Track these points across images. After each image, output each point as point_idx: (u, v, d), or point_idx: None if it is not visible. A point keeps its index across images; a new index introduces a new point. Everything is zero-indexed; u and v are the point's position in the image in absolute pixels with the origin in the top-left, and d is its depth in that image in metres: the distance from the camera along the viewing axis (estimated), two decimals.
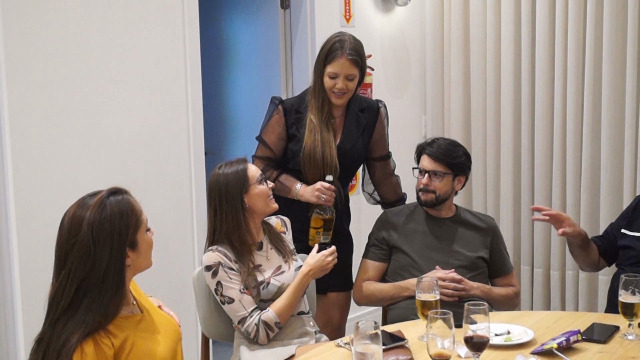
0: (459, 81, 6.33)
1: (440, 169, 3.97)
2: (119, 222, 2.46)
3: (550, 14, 5.72)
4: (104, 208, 2.46)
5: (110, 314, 2.44)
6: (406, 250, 3.98)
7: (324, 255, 3.56)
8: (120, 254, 2.46)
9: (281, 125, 4.13)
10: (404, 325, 3.32)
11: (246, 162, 3.57)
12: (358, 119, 4.22)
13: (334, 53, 3.97)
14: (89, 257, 2.40)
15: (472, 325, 2.69)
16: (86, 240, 2.41)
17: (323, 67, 4.01)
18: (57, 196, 4.02)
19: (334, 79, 3.99)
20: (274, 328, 3.44)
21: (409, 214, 4.11)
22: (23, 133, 3.93)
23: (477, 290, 3.81)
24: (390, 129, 6.09)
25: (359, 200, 5.90)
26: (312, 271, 3.54)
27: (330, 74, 3.98)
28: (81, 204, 2.48)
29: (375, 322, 2.55)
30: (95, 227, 2.42)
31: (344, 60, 3.96)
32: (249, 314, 3.43)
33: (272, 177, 4.04)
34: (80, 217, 2.44)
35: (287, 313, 3.48)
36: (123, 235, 2.47)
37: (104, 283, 2.42)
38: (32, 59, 3.96)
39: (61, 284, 2.41)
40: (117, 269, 2.46)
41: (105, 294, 2.42)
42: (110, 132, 3.73)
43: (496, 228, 4.11)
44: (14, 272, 3.93)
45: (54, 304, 2.42)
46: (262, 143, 4.17)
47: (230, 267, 3.47)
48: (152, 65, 4.39)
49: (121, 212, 2.48)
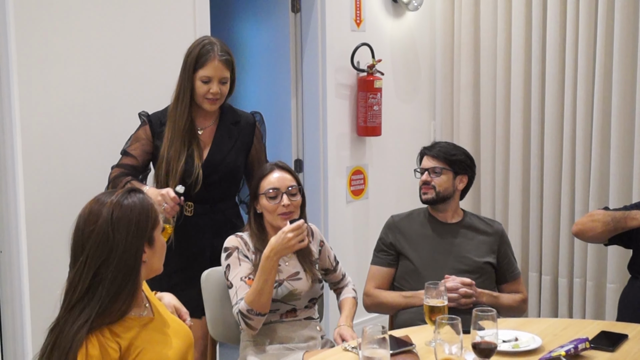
0: (469, 87, 6.32)
1: (438, 165, 4.02)
2: (139, 215, 2.46)
3: (561, 20, 5.71)
4: (125, 200, 2.45)
5: (120, 307, 2.42)
6: (412, 257, 3.98)
7: (283, 232, 3.33)
8: (137, 245, 2.45)
9: (146, 136, 3.86)
10: (411, 331, 3.31)
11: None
12: (230, 131, 3.97)
13: (206, 56, 3.74)
14: (107, 243, 2.39)
15: (480, 332, 2.69)
16: (105, 228, 2.39)
17: (193, 72, 3.75)
18: (66, 194, 4.05)
19: (207, 84, 3.76)
20: (250, 316, 3.36)
21: (417, 219, 4.11)
22: (34, 131, 3.95)
23: (485, 296, 3.80)
24: (400, 133, 6.12)
25: (367, 205, 5.92)
26: (274, 251, 3.32)
27: (203, 78, 3.75)
28: (97, 200, 2.47)
29: (383, 327, 2.54)
30: (115, 216, 2.41)
31: (217, 62, 3.75)
32: (236, 303, 3.43)
33: (123, 182, 3.70)
34: (98, 210, 2.43)
35: (258, 299, 3.34)
36: (142, 228, 2.46)
37: (119, 271, 2.40)
38: (43, 57, 3.98)
39: (78, 271, 2.39)
40: (133, 260, 2.44)
41: (118, 283, 2.40)
42: (122, 132, 3.73)
43: (504, 233, 4.11)
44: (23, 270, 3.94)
45: (70, 290, 2.40)
46: (123, 154, 3.88)
47: (245, 254, 3.50)
48: (164, 68, 4.39)
49: (142, 206, 2.48)
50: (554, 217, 5.86)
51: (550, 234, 5.88)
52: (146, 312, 2.58)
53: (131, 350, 2.42)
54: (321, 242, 3.78)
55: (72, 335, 2.32)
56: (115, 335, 2.41)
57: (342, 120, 5.72)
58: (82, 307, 2.37)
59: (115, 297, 2.40)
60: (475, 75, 6.32)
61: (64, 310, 2.40)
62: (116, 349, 2.38)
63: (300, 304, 3.56)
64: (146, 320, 2.54)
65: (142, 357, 2.43)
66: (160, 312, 2.65)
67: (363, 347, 2.54)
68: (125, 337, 2.42)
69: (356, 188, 5.87)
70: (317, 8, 5.52)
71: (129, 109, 4.20)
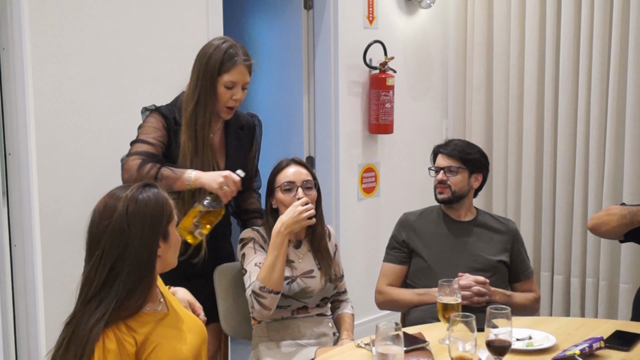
0: (482, 85, 6.31)
1: (454, 164, 4.01)
2: (154, 210, 2.46)
3: (576, 18, 5.69)
4: (139, 195, 2.46)
5: (136, 301, 2.42)
6: (424, 255, 3.98)
7: (294, 206, 3.41)
8: (153, 239, 2.45)
9: (163, 127, 3.59)
10: (424, 328, 3.31)
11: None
12: (239, 137, 3.81)
13: (232, 60, 3.51)
14: (122, 238, 2.39)
15: (494, 329, 2.68)
16: (120, 222, 2.40)
17: (217, 77, 3.52)
18: (80, 188, 4.06)
19: (230, 89, 3.54)
20: (263, 294, 3.37)
21: (429, 216, 4.12)
22: (47, 126, 3.96)
23: (498, 295, 3.80)
24: (412, 131, 6.12)
25: (378, 202, 5.92)
26: (285, 225, 3.39)
27: (227, 83, 3.52)
28: (112, 195, 2.48)
29: (396, 323, 2.54)
30: (130, 211, 2.42)
31: (242, 67, 3.54)
32: (249, 285, 3.44)
33: (154, 170, 3.41)
34: (113, 204, 2.43)
35: (270, 275, 3.36)
36: (157, 223, 2.46)
37: (135, 266, 2.41)
38: (57, 53, 3.98)
39: (94, 265, 2.39)
40: (149, 255, 2.45)
41: (134, 277, 2.41)
42: (135, 128, 3.73)
43: (517, 231, 4.10)
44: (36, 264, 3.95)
45: (86, 285, 2.40)
46: (138, 142, 3.56)
47: (261, 245, 3.54)
48: (176, 65, 4.39)
49: (157, 201, 2.48)
50: (566, 216, 5.85)
51: (563, 233, 5.87)
52: (161, 307, 2.58)
53: (146, 345, 2.42)
54: (336, 245, 3.80)
55: (88, 329, 2.32)
56: (132, 330, 2.41)
57: (354, 118, 5.72)
58: (99, 302, 2.37)
59: (131, 292, 2.41)
60: (488, 73, 6.31)
61: (80, 305, 2.41)
62: (132, 344, 2.39)
63: (312, 302, 3.57)
64: (161, 316, 2.54)
65: (157, 352, 2.43)
66: (174, 307, 2.65)
67: (377, 344, 2.53)
68: (141, 332, 2.43)
69: (368, 186, 5.87)
70: (330, 5, 5.52)
71: (142, 105, 4.20)
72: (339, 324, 3.73)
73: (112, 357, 2.32)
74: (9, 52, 3.85)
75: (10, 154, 3.91)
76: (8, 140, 3.91)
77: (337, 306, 3.81)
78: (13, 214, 3.94)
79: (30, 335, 4.00)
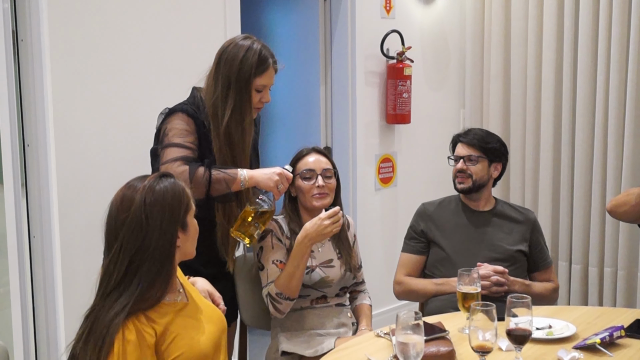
0: (499, 75, 6.29)
1: (474, 153, 3.99)
2: (172, 200, 2.46)
3: (594, 7, 5.66)
4: (157, 186, 2.46)
5: (156, 293, 2.43)
6: (443, 245, 3.98)
7: (320, 219, 3.35)
8: (171, 231, 2.45)
9: (195, 130, 3.41)
10: (443, 317, 3.31)
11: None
12: (256, 132, 3.68)
13: (266, 64, 3.42)
14: (141, 230, 2.39)
15: (514, 319, 2.68)
16: (138, 214, 2.40)
17: (252, 81, 3.40)
18: (98, 180, 4.08)
19: (260, 93, 3.45)
20: (279, 300, 3.41)
21: (448, 206, 4.11)
22: (66, 118, 3.98)
23: (517, 285, 3.79)
24: (429, 121, 6.12)
25: (395, 192, 5.92)
26: (308, 237, 3.36)
27: (259, 87, 3.42)
28: (130, 186, 2.47)
29: (416, 313, 2.54)
30: (147, 203, 2.42)
31: (272, 70, 3.45)
32: (266, 285, 3.46)
33: (207, 174, 3.29)
34: (131, 196, 2.43)
35: (288, 283, 3.39)
36: (175, 214, 2.46)
37: (154, 258, 2.41)
38: (76, 46, 4.00)
39: (113, 258, 2.40)
40: (168, 246, 2.45)
41: (155, 269, 2.41)
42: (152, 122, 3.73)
43: (536, 221, 4.09)
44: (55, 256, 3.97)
45: (105, 278, 2.41)
46: (175, 147, 3.35)
47: (279, 238, 3.53)
48: (194, 56, 4.40)
49: (174, 191, 2.48)
50: (584, 206, 5.83)
51: (581, 223, 5.85)
52: (180, 297, 2.58)
53: (166, 336, 2.43)
54: (354, 235, 3.80)
55: (108, 321, 2.33)
56: (151, 321, 2.42)
57: (371, 108, 5.73)
58: (118, 295, 2.38)
59: (152, 284, 2.41)
60: (506, 63, 6.29)
61: (99, 298, 2.41)
62: (152, 334, 2.39)
63: (331, 292, 3.58)
64: (180, 306, 2.54)
65: (176, 342, 2.44)
66: (193, 297, 2.65)
67: (397, 333, 2.53)
68: (161, 322, 2.43)
69: (385, 176, 5.87)
70: None
71: (160, 98, 4.21)
72: (357, 314, 3.73)
73: (132, 347, 2.33)
74: (27, 43, 3.86)
75: (28, 145, 3.93)
76: (27, 131, 3.92)
77: (355, 297, 3.81)
78: (32, 205, 3.96)
79: (49, 327, 4.02)
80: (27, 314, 3.95)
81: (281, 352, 3.48)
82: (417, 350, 2.51)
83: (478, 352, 2.64)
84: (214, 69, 3.46)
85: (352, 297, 3.81)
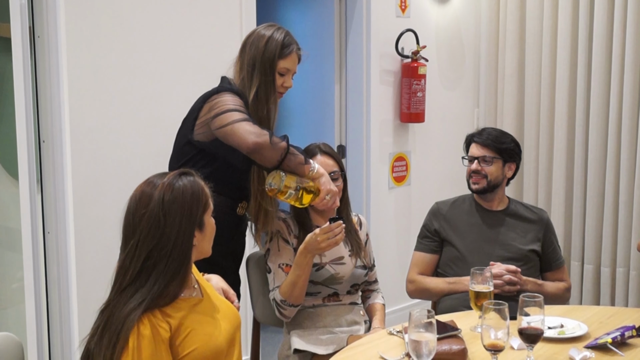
0: (514, 74, 6.28)
1: (489, 153, 3.98)
2: (190, 199, 2.46)
3: (609, 7, 5.65)
4: (176, 184, 2.46)
5: (173, 291, 2.43)
6: (456, 244, 3.97)
7: (314, 234, 3.25)
8: (189, 230, 2.45)
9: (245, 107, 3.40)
10: (455, 316, 3.31)
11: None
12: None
13: (290, 47, 3.49)
14: (159, 227, 2.40)
15: (526, 317, 2.68)
16: (157, 212, 2.40)
17: (276, 62, 3.45)
18: (113, 176, 4.12)
19: (283, 77, 3.49)
20: (284, 307, 3.41)
21: (462, 206, 4.10)
22: (82, 113, 4.01)
23: (530, 284, 3.79)
24: (443, 120, 6.12)
25: (409, 191, 5.93)
26: (308, 249, 3.28)
27: (282, 70, 3.47)
28: (149, 183, 2.48)
29: (429, 311, 2.54)
30: (166, 200, 2.42)
31: (295, 55, 3.52)
32: (272, 289, 3.46)
33: (285, 142, 3.31)
34: (150, 192, 2.43)
35: (291, 291, 3.37)
36: (193, 213, 2.46)
37: (171, 256, 2.41)
38: (93, 41, 4.02)
39: (129, 254, 2.41)
40: (185, 245, 2.45)
41: (172, 268, 2.41)
42: (168, 119, 3.75)
43: (549, 221, 4.08)
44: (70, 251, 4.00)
45: (121, 273, 2.42)
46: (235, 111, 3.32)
47: (285, 239, 3.51)
48: (210, 53, 4.42)
49: (193, 189, 2.48)
50: (597, 206, 5.83)
51: (594, 223, 5.85)
52: (195, 293, 2.59)
53: (181, 330, 2.43)
54: (367, 234, 3.79)
55: (123, 317, 2.33)
56: (166, 315, 2.42)
57: (385, 107, 5.73)
58: (134, 291, 2.38)
59: (168, 282, 2.41)
60: (520, 62, 6.28)
61: (114, 293, 2.42)
62: (167, 329, 2.39)
63: (342, 289, 3.57)
64: (195, 301, 2.55)
65: (191, 337, 2.44)
66: (208, 294, 2.65)
67: (410, 331, 2.53)
68: (176, 316, 2.43)
69: (398, 174, 5.87)
70: None
71: (176, 93, 4.24)
72: (370, 313, 3.72)
73: (146, 342, 2.33)
74: (44, 39, 3.89)
75: (44, 141, 3.95)
76: (42, 127, 3.95)
77: (367, 296, 3.80)
78: (47, 201, 3.98)
79: (63, 321, 4.04)
80: (41, 309, 3.96)
81: (294, 349, 3.48)
82: (430, 348, 2.51)
83: (490, 350, 2.63)
84: (240, 52, 3.52)
85: (365, 296, 3.80)
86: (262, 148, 3.22)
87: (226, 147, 3.34)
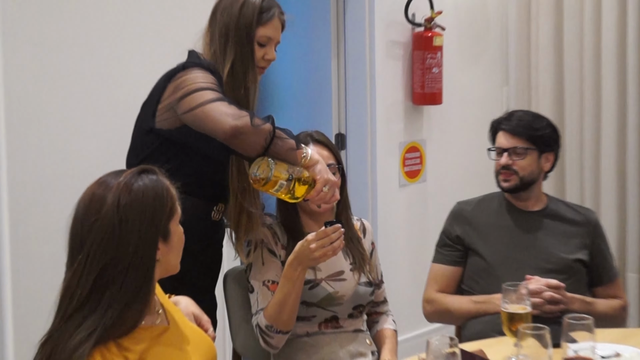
0: (549, 45, 6.29)
1: (520, 144, 3.96)
2: (153, 202, 2.41)
3: None
4: (135, 184, 2.41)
5: (131, 317, 2.38)
6: (484, 253, 3.96)
7: (306, 241, 3.19)
8: (151, 240, 2.40)
9: (218, 84, 3.32)
10: (484, 344, 3.29)
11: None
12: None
13: (271, 11, 3.42)
14: (113, 238, 2.34)
15: (573, 345, 2.66)
16: (110, 218, 2.35)
17: (255, 29, 3.40)
18: (58, 182, 4.12)
19: (263, 47, 3.43)
20: (269, 334, 3.34)
21: (489, 206, 4.10)
22: (19, 122, 4.03)
23: (577, 303, 3.76)
24: (465, 102, 6.11)
25: (424, 189, 5.91)
26: (298, 260, 3.22)
27: (261, 38, 3.41)
28: (102, 183, 2.43)
29: (452, 338, 2.50)
30: (122, 205, 2.36)
31: (277, 21, 3.45)
32: (255, 313, 3.41)
33: (269, 124, 3.22)
34: (102, 195, 2.38)
35: (279, 314, 3.30)
36: (156, 219, 2.42)
37: (128, 274, 2.36)
38: (32, 43, 4.04)
39: (76, 272, 2.35)
40: (146, 260, 2.40)
41: (130, 289, 2.36)
42: (124, 104, 3.74)
43: (598, 223, 4.09)
44: (5, 272, 3.99)
45: (66, 296, 2.35)
46: (206, 90, 3.22)
47: (272, 250, 3.47)
48: (175, 22, 4.48)
49: (155, 191, 2.43)
50: None
51: None
52: (159, 319, 2.55)
53: None
54: (372, 243, 3.75)
55: (70, 351, 2.27)
56: (123, 349, 2.36)
57: (394, 86, 5.75)
58: (83, 318, 2.32)
59: (125, 307, 2.36)
60: (558, 30, 6.29)
61: (59, 321, 2.36)
62: None
63: (342, 312, 3.51)
64: (159, 331, 2.51)
65: None
66: (176, 320, 2.62)
67: None
68: (135, 350, 2.38)
69: (411, 169, 5.89)
70: None
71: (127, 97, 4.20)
72: (378, 342, 3.68)
73: None
74: None
75: None
76: None
77: (375, 320, 3.76)
78: None
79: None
80: None
81: None
82: None
83: None
84: (210, 21, 3.46)
85: (372, 321, 3.76)
86: (242, 133, 3.13)
87: (197, 135, 3.27)
